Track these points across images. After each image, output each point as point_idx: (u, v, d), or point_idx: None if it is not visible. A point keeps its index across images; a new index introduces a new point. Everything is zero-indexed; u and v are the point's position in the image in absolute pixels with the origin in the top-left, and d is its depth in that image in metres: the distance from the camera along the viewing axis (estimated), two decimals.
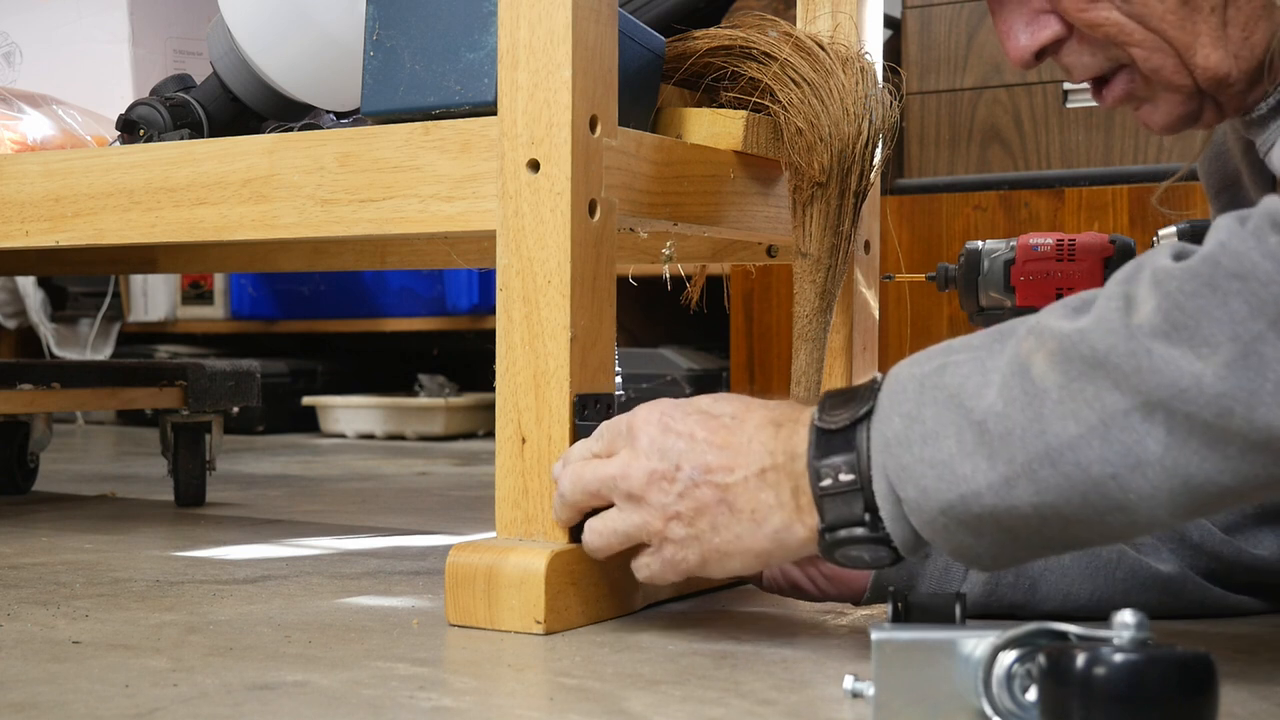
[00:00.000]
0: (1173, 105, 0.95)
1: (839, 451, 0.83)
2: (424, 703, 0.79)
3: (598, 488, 0.94)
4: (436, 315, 3.56)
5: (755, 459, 0.87)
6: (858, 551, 0.84)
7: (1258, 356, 0.70)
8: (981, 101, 2.55)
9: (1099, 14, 0.92)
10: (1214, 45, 0.91)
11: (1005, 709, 0.71)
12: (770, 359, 2.71)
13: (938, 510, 0.79)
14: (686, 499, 0.89)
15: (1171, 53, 0.92)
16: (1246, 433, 0.71)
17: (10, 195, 1.29)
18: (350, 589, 1.18)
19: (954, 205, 2.51)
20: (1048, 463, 0.75)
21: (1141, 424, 0.73)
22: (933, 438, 0.78)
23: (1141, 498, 0.74)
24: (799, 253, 1.25)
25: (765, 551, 0.87)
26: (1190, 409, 0.71)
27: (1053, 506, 0.76)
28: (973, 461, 0.77)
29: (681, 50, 1.25)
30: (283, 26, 1.27)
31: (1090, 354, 0.74)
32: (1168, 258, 0.75)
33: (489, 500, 1.09)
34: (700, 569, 0.90)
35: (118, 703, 0.79)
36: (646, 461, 0.90)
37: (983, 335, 0.81)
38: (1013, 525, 0.78)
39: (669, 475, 0.89)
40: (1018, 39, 0.96)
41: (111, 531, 1.55)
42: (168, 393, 1.79)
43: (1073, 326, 0.75)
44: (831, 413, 0.84)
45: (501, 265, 1.03)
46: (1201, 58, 0.91)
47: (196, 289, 3.87)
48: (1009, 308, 1.42)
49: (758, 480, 0.87)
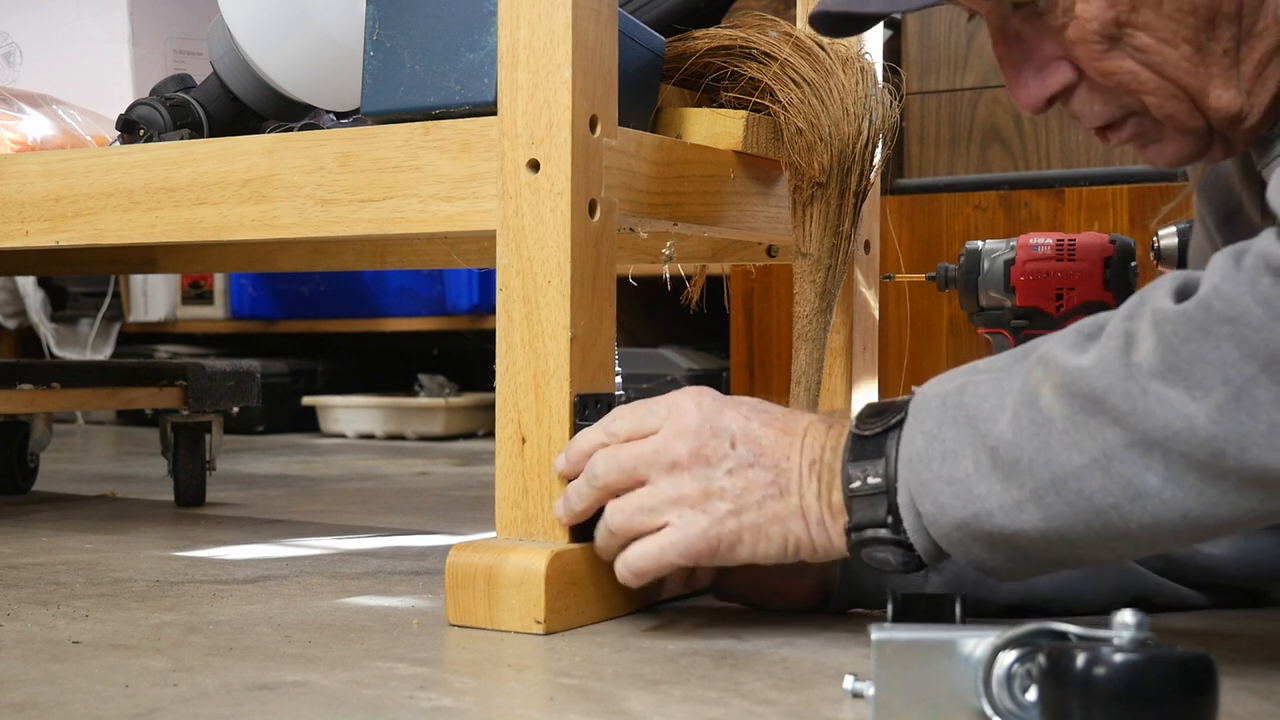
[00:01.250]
0: (1182, 146, 0.94)
1: (870, 457, 0.87)
2: (424, 703, 0.79)
3: (635, 465, 0.93)
4: (436, 315, 3.56)
5: (809, 451, 0.90)
6: (883, 553, 0.87)
7: (1249, 399, 0.73)
8: (981, 101, 2.55)
9: (1113, 63, 0.90)
10: (1226, 86, 0.90)
11: (1005, 709, 0.71)
12: (770, 359, 2.71)
13: (953, 525, 0.83)
14: (736, 476, 0.91)
15: (1185, 99, 0.91)
16: (1240, 471, 0.74)
17: (10, 195, 1.29)
18: (350, 589, 1.18)
19: (954, 205, 2.51)
20: (1054, 490, 0.79)
21: (1140, 460, 0.76)
22: (951, 457, 0.82)
23: (1143, 527, 0.78)
24: (799, 253, 1.25)
25: (800, 542, 0.90)
26: (1184, 449, 0.75)
27: (1059, 531, 0.80)
28: (987, 483, 0.81)
29: (681, 50, 1.25)
30: (283, 26, 1.27)
31: (1090, 391, 0.77)
32: (1168, 297, 0.77)
33: (489, 500, 1.09)
34: (728, 550, 0.91)
35: (118, 703, 0.79)
36: (695, 438, 0.91)
37: (1006, 356, 0.84)
38: (1023, 544, 0.82)
39: (721, 452, 0.91)
40: (1027, 86, 0.94)
41: (111, 531, 1.55)
42: (168, 393, 1.79)
43: (1076, 363, 0.78)
44: (867, 421, 0.89)
45: (501, 265, 1.03)
46: (1214, 99, 0.90)
47: (196, 289, 3.87)
48: (1009, 308, 1.42)
49: (809, 471, 0.90)
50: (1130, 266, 1.40)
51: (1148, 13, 0.89)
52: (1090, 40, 0.90)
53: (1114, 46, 0.90)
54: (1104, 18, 0.89)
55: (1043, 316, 1.40)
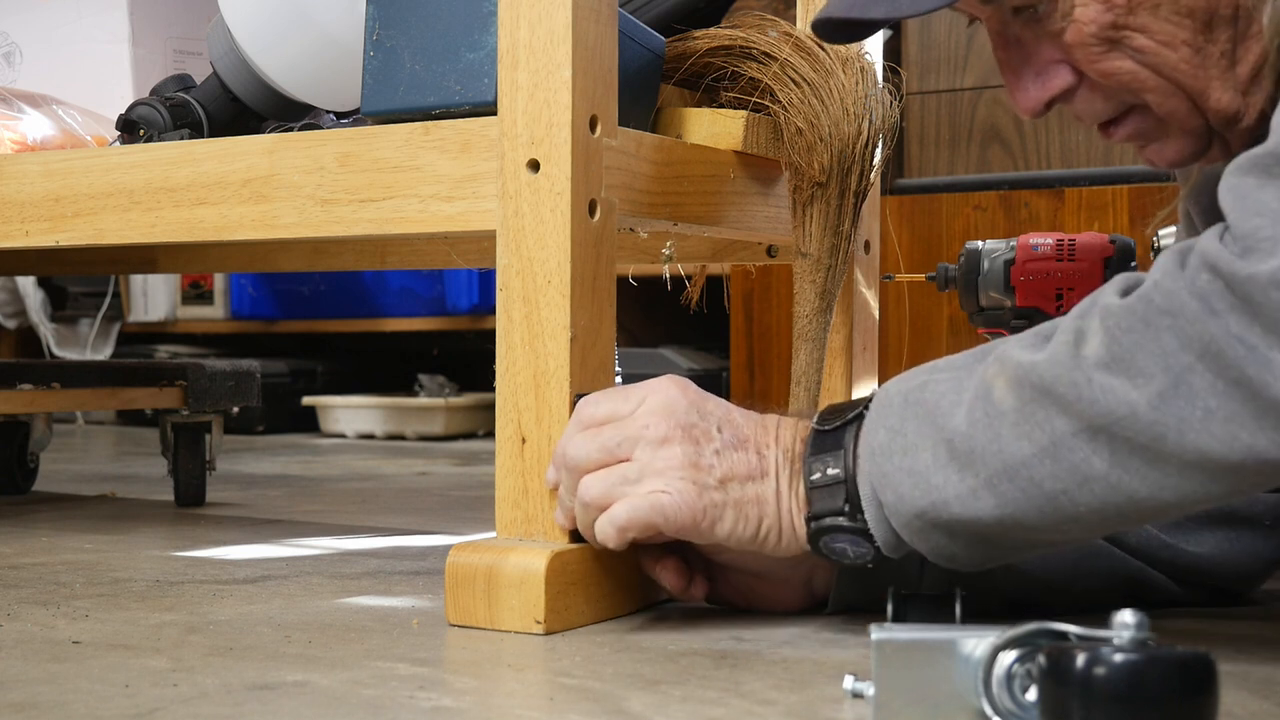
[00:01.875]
0: (1182, 145, 0.96)
1: (829, 450, 0.90)
2: (424, 703, 0.79)
3: (619, 442, 0.93)
4: (436, 315, 3.56)
5: (783, 441, 0.94)
6: (840, 543, 0.90)
7: (1187, 386, 0.76)
8: (981, 101, 2.55)
9: (1112, 64, 0.92)
10: (1224, 87, 0.91)
11: (1005, 709, 0.71)
12: (770, 359, 2.71)
13: (913, 514, 0.86)
14: (723, 457, 0.93)
15: (1185, 98, 0.92)
16: (1180, 455, 0.77)
17: (10, 195, 1.29)
18: (350, 589, 1.18)
19: (954, 205, 2.51)
20: (1006, 478, 0.82)
21: (1086, 446, 0.79)
22: (912, 449, 0.86)
23: (1092, 510, 0.81)
24: (799, 253, 1.25)
25: (770, 528, 0.93)
26: (1128, 433, 0.78)
27: (1013, 516, 0.83)
28: (944, 473, 0.84)
29: (681, 50, 1.25)
30: (283, 26, 1.27)
31: (1039, 382, 0.81)
32: (1116, 294, 0.81)
33: (489, 500, 1.09)
34: (709, 525, 0.92)
35: (118, 703, 0.79)
36: (685, 417, 0.93)
37: (966, 355, 0.88)
38: (980, 530, 0.85)
39: (709, 434, 0.93)
40: (1027, 90, 0.96)
41: (111, 531, 1.55)
42: (168, 393, 1.79)
43: (1029, 358, 0.82)
44: (827, 417, 0.93)
45: (501, 265, 1.03)
46: (1214, 100, 0.92)
47: (196, 289, 3.87)
48: (1009, 308, 1.42)
49: (784, 459, 0.93)
50: (1130, 266, 1.40)
51: (1145, 15, 0.90)
52: (1089, 43, 0.91)
53: (1113, 49, 0.91)
54: (1101, 21, 0.90)
55: (1043, 316, 1.40)
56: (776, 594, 1.04)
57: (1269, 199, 0.76)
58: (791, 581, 1.03)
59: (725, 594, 1.05)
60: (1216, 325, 0.75)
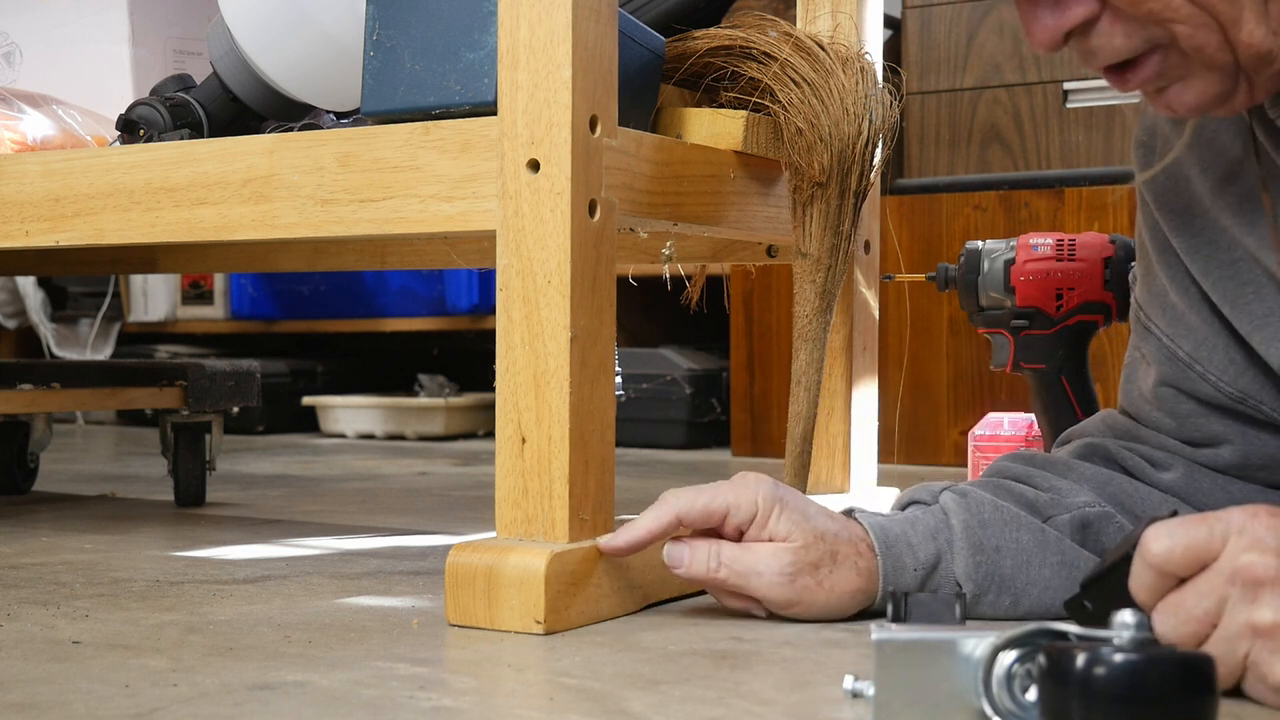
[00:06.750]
0: (1207, 84, 0.89)
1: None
2: (424, 703, 0.79)
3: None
4: (436, 315, 3.56)
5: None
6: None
7: None
8: (981, 101, 2.55)
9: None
10: (1258, 21, 0.86)
11: (1005, 709, 0.71)
12: (770, 359, 2.71)
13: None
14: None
15: (1217, 28, 0.86)
16: None
17: (10, 195, 1.29)
18: (350, 589, 1.18)
19: (954, 205, 2.51)
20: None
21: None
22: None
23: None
24: (799, 253, 1.25)
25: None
26: None
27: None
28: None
29: (681, 50, 1.25)
30: (283, 26, 1.27)
31: None
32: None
33: (489, 500, 1.09)
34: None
35: (118, 703, 0.79)
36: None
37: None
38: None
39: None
40: (1043, 20, 0.88)
41: (111, 531, 1.55)
42: (168, 393, 1.79)
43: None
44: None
45: (501, 265, 1.03)
46: (1246, 34, 0.86)
47: (196, 289, 3.87)
48: (1009, 308, 1.42)
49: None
50: (1130, 266, 1.40)
51: None
52: None
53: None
54: None
55: (1043, 316, 1.40)
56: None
57: None
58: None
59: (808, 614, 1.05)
60: None
